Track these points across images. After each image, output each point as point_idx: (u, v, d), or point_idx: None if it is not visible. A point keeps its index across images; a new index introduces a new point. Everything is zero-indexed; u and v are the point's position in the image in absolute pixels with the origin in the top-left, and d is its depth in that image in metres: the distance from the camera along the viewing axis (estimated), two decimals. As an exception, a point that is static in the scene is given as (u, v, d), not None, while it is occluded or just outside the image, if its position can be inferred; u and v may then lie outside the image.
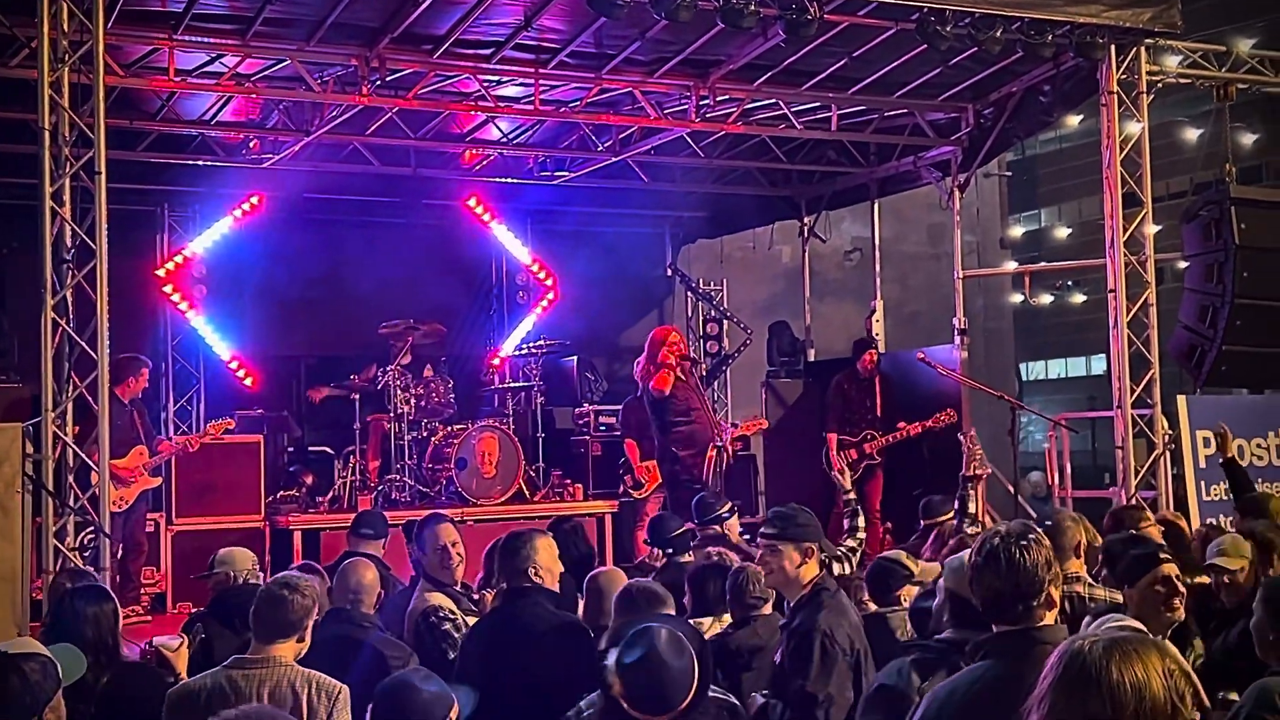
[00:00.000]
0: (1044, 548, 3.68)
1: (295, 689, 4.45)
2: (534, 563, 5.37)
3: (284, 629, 4.60)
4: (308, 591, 4.68)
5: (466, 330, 14.31)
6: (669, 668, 3.66)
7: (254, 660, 4.56)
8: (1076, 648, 2.50)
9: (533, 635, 5.21)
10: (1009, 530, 3.75)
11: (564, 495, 12.21)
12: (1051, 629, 3.61)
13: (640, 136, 12.64)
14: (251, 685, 4.47)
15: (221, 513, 11.30)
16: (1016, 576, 3.58)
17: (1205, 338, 10.32)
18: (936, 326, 13.69)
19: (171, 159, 12.45)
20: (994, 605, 3.63)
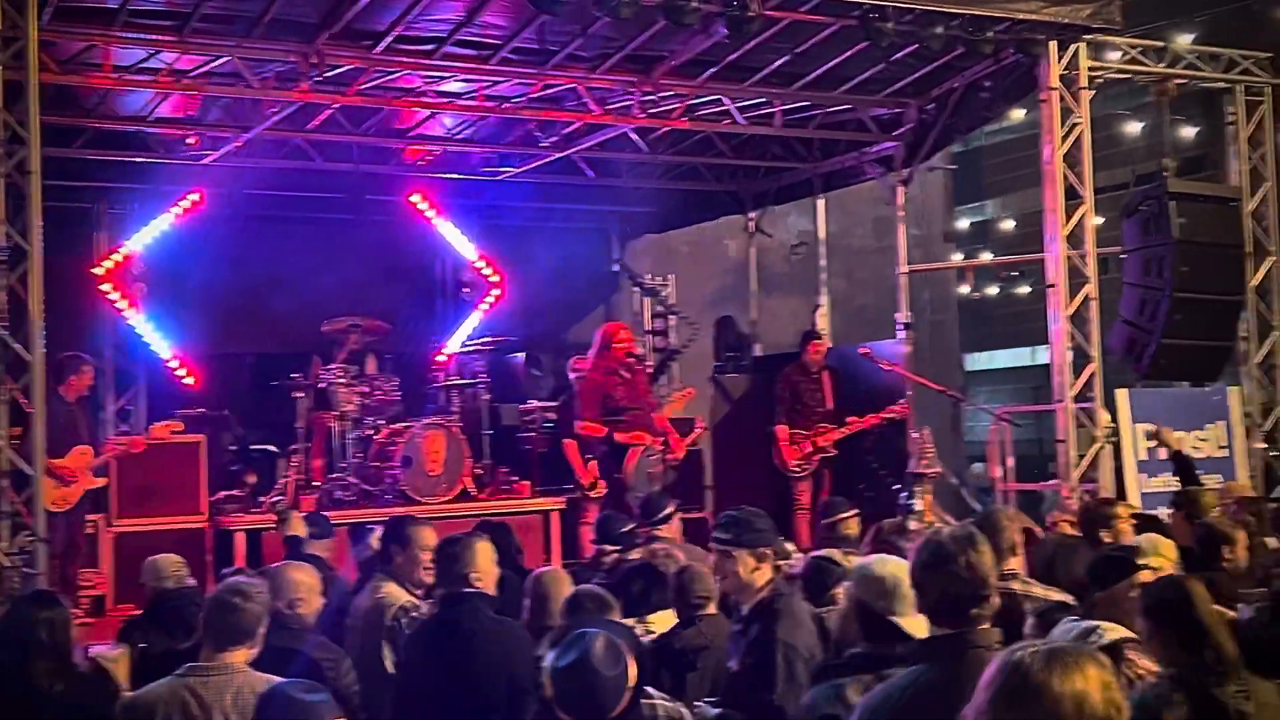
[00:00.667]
0: (989, 551, 3.70)
1: (257, 693, 4.38)
2: (474, 567, 5.33)
3: (236, 636, 4.54)
4: (259, 597, 4.63)
5: (411, 327, 14.20)
6: (601, 674, 3.64)
7: (211, 668, 4.49)
8: (1017, 658, 2.50)
9: (473, 641, 5.17)
10: (956, 533, 3.75)
11: (511, 492, 12.16)
12: (987, 632, 3.61)
13: (585, 133, 12.61)
14: (211, 692, 4.41)
15: (163, 514, 11.18)
16: (972, 580, 3.59)
17: (1145, 331, 10.41)
18: (883, 319, 13.74)
19: (109, 156, 12.26)
20: (943, 608, 3.63)
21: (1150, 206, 10.38)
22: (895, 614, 4.20)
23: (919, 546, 3.79)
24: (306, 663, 5.47)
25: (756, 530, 5.36)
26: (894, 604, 4.22)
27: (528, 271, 14.67)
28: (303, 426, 11.84)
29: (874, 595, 4.27)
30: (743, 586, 5.26)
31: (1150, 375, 10.58)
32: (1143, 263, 10.53)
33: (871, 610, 4.23)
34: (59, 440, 9.73)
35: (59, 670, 5.03)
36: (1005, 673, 2.48)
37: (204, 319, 13.18)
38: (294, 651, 5.53)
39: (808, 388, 11.99)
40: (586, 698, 3.63)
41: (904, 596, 4.19)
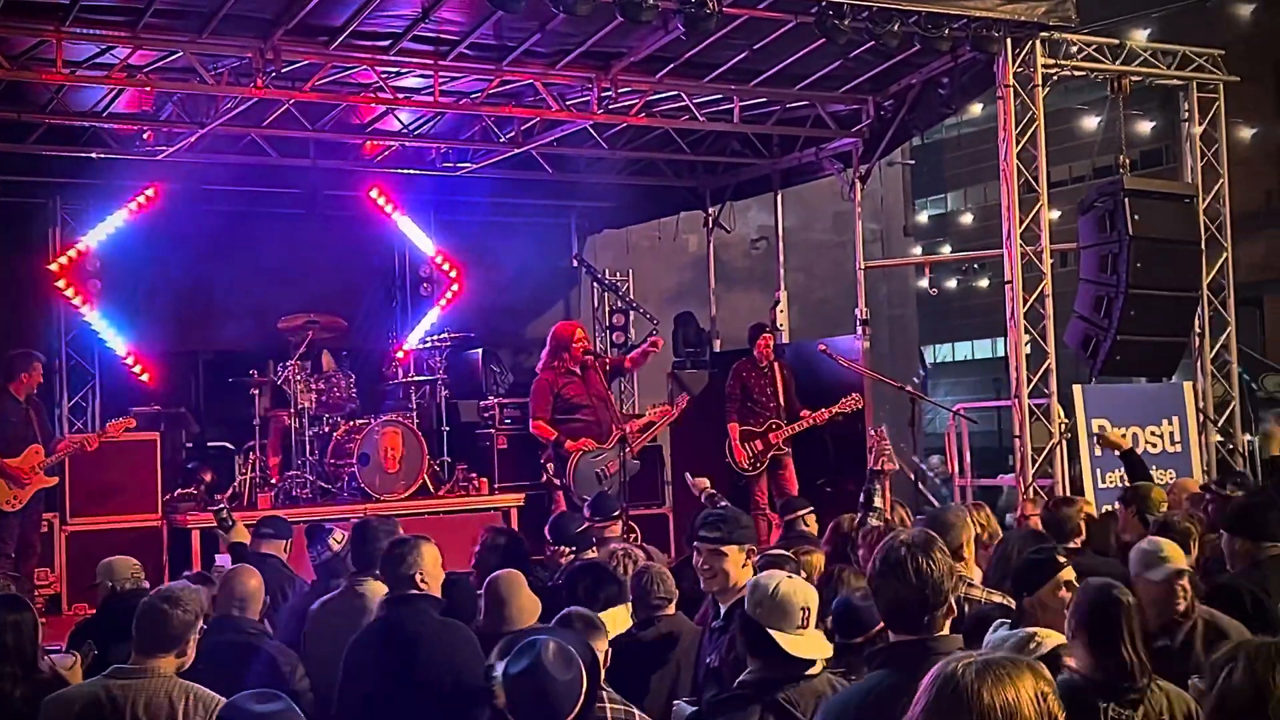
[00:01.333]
0: (947, 556, 3.70)
1: (172, 700, 4.39)
2: (420, 569, 5.30)
3: (163, 643, 4.53)
4: (190, 605, 4.61)
5: (369, 323, 14.15)
6: (555, 680, 3.62)
7: (133, 671, 4.50)
8: (950, 670, 2.51)
9: (418, 643, 5.15)
10: (912, 538, 3.75)
11: (469, 489, 12.12)
12: (947, 639, 3.63)
13: (543, 128, 12.57)
14: (129, 695, 4.41)
15: (117, 512, 11.10)
16: (923, 587, 3.59)
17: (1100, 327, 10.47)
18: (843, 314, 13.80)
19: (63, 151, 12.16)
20: (897, 615, 3.64)
21: (1105, 203, 10.44)
22: (776, 629, 4.13)
23: (876, 555, 3.79)
24: (265, 661, 5.45)
25: (743, 527, 5.41)
26: (775, 618, 4.15)
27: (486, 267, 14.64)
28: (259, 424, 11.76)
29: (755, 606, 4.21)
30: (728, 585, 5.26)
31: (1106, 371, 10.63)
32: (1098, 259, 10.58)
33: (754, 622, 4.18)
34: (12, 439, 9.67)
35: (21, 675, 4.99)
36: (937, 685, 2.49)
37: (160, 315, 13.11)
38: (250, 650, 5.51)
39: (758, 383, 11.77)
40: (540, 704, 3.62)
41: (787, 612, 4.15)
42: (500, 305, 14.75)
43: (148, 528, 11.12)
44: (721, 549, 5.28)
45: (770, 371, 11.82)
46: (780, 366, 11.90)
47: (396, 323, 14.59)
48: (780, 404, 11.74)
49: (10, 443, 9.74)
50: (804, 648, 4.13)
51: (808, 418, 11.61)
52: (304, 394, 11.57)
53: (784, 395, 11.78)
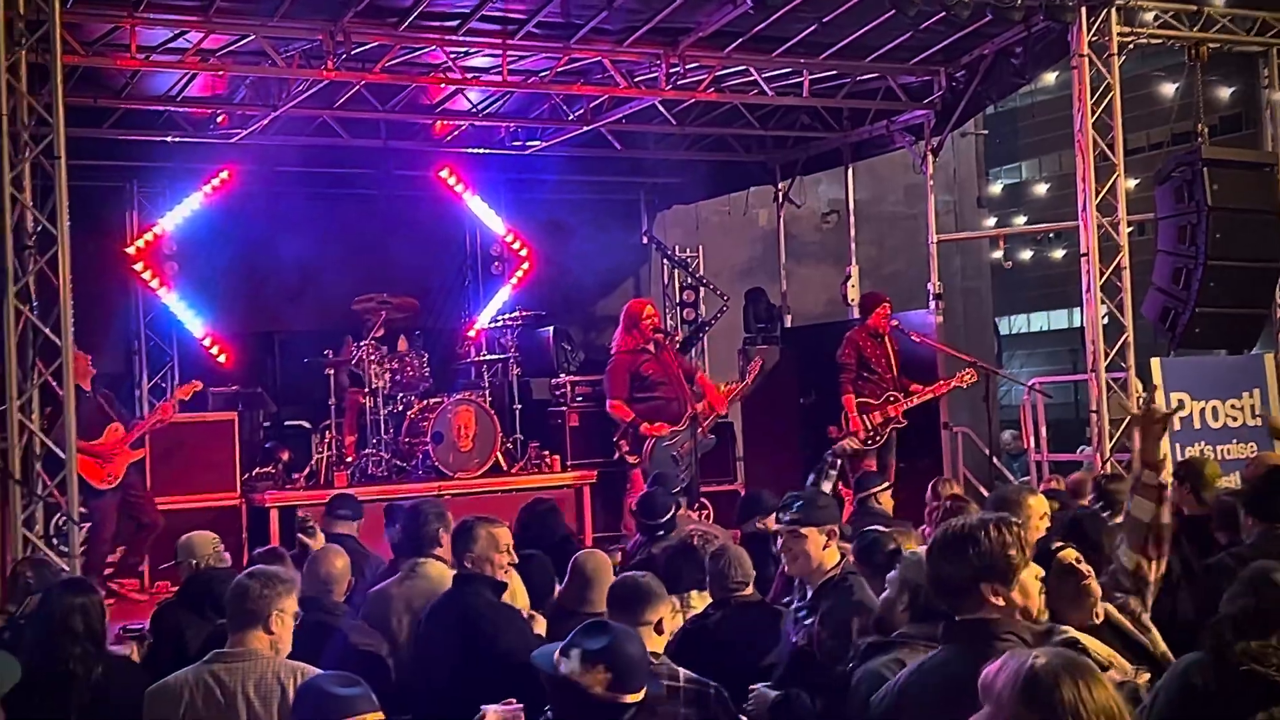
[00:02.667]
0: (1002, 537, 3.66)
1: (281, 680, 4.41)
2: (469, 552, 5.32)
3: (249, 619, 4.56)
4: (271, 579, 4.64)
5: (441, 303, 14.24)
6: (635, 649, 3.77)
7: (234, 654, 4.53)
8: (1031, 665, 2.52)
9: (468, 625, 5.17)
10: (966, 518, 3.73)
11: (542, 467, 12.17)
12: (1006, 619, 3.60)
13: (611, 105, 12.56)
14: (236, 679, 4.43)
15: (197, 492, 11.24)
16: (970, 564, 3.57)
17: (1179, 299, 10.31)
18: (915, 287, 13.67)
19: (138, 136, 12.31)
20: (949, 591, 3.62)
21: (1183, 173, 10.26)
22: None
23: (935, 535, 3.78)
24: (347, 642, 5.51)
25: (821, 508, 5.36)
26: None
27: (557, 245, 14.68)
28: (334, 403, 11.89)
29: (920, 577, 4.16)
30: (812, 567, 5.24)
31: (1184, 343, 10.47)
32: (1176, 230, 10.41)
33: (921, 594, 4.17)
34: (87, 424, 9.84)
35: (93, 656, 5.08)
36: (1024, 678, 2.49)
37: (235, 297, 13.27)
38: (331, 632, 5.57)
39: (874, 353, 11.34)
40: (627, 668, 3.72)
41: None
42: (571, 283, 14.77)
43: (227, 507, 11.26)
44: (801, 530, 5.25)
45: (884, 342, 11.43)
46: (891, 338, 11.50)
47: (468, 302, 14.67)
48: (894, 376, 11.39)
49: (87, 429, 9.91)
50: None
51: (921, 391, 11.23)
52: (378, 373, 11.67)
53: (897, 367, 11.41)
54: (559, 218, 14.66)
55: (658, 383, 10.91)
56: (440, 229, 14.61)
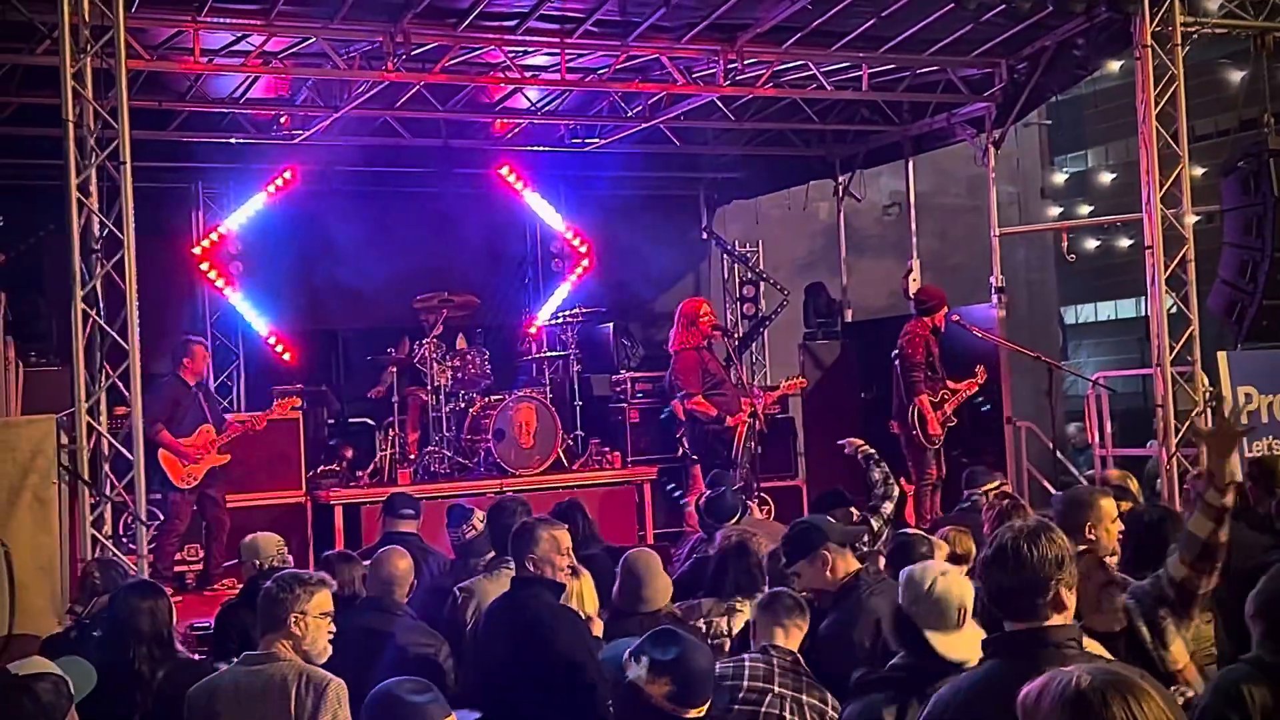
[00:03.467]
0: (1057, 545, 3.62)
1: (286, 680, 4.50)
2: (530, 554, 5.33)
3: (271, 623, 4.65)
4: (290, 584, 4.69)
5: (501, 300, 14.30)
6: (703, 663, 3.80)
7: (260, 656, 4.63)
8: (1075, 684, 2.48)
9: (522, 624, 5.20)
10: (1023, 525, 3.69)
11: (602, 463, 12.21)
12: (1063, 629, 3.56)
13: (670, 102, 12.56)
14: (256, 680, 4.54)
15: (264, 489, 11.38)
16: (1028, 575, 3.53)
17: (1245, 293, 10.18)
18: (978, 280, 13.56)
19: (203, 137, 12.47)
20: (1004, 603, 3.59)
21: (1249, 164, 10.12)
22: (929, 628, 4.03)
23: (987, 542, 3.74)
24: (393, 646, 5.56)
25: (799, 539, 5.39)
26: (930, 618, 4.05)
27: (616, 241, 14.70)
28: (397, 401, 11.99)
29: (910, 603, 4.12)
30: (818, 587, 5.26)
31: (1251, 337, 10.33)
32: (1243, 222, 10.28)
33: (908, 620, 4.10)
34: (183, 420, 10.04)
35: (160, 658, 5.18)
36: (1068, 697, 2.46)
37: (299, 295, 13.41)
38: (394, 632, 5.62)
39: (937, 351, 11.23)
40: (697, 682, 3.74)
41: (943, 611, 4.04)
42: (630, 279, 14.78)
43: (293, 504, 11.40)
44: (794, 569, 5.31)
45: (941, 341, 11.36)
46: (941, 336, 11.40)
47: (529, 299, 14.74)
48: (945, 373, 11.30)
49: (181, 423, 10.09)
50: (958, 648, 3.99)
51: (960, 391, 11.15)
52: (440, 371, 11.75)
53: (940, 363, 11.32)
54: (618, 214, 14.67)
55: (721, 379, 10.93)
56: (500, 227, 14.69)
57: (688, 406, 10.79)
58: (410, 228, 13.52)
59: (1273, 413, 10.50)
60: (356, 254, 12.81)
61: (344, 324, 13.89)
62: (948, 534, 6.21)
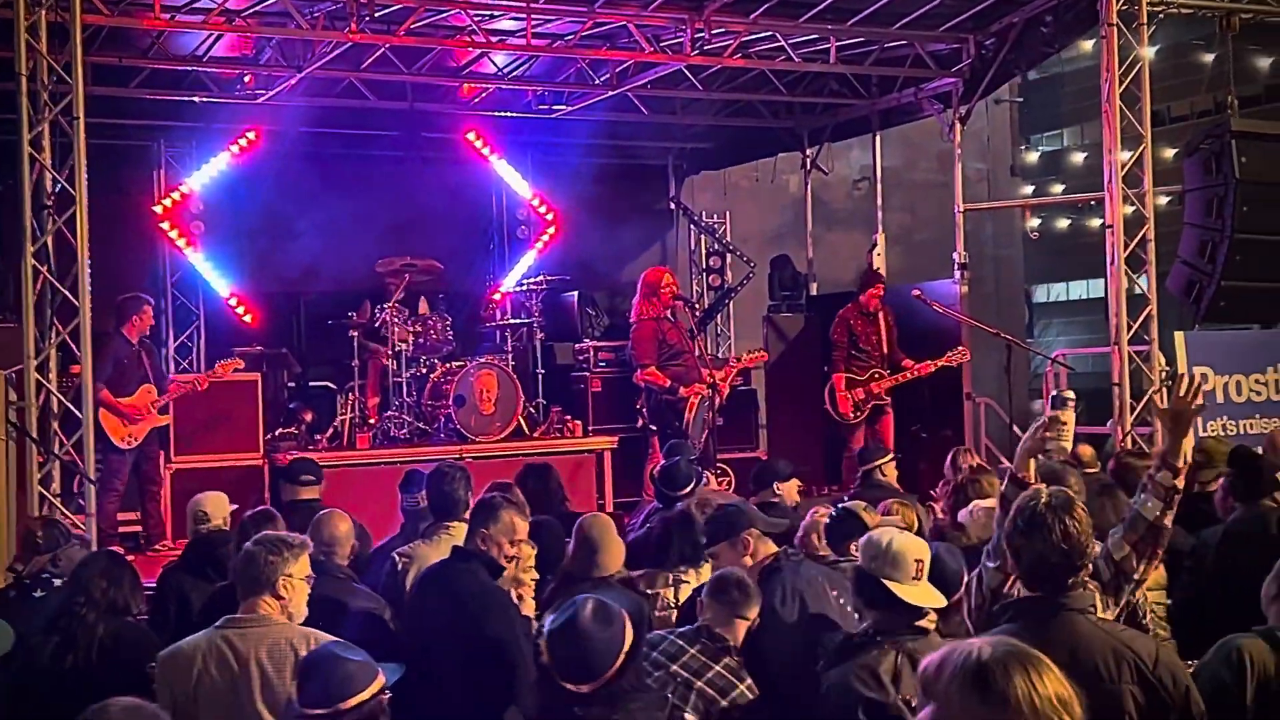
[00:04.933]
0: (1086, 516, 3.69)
1: (294, 645, 4.43)
2: (485, 529, 5.28)
3: (258, 585, 4.58)
4: (278, 545, 4.66)
5: (466, 266, 14.25)
6: (592, 637, 3.67)
7: (246, 619, 4.55)
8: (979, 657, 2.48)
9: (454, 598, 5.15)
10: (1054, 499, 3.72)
11: (564, 431, 12.19)
12: (1081, 596, 3.66)
13: (638, 70, 12.49)
14: (249, 645, 4.46)
15: (221, 450, 11.31)
16: (1069, 549, 3.59)
17: (1204, 273, 10.20)
18: (945, 255, 13.55)
19: (166, 95, 12.35)
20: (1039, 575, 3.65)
21: (1212, 145, 10.13)
22: (889, 579, 4.19)
23: (1015, 511, 3.77)
24: (356, 607, 5.53)
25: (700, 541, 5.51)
26: (889, 570, 4.20)
27: (583, 210, 14.64)
28: (358, 365, 11.94)
29: (870, 560, 4.26)
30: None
31: (1209, 317, 10.37)
32: (1204, 203, 10.29)
33: (870, 576, 4.22)
34: (126, 379, 9.92)
35: (95, 621, 5.11)
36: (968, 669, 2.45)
37: (261, 257, 13.31)
38: (341, 595, 5.58)
39: (864, 331, 11.61)
40: (577, 661, 3.66)
41: (900, 564, 4.19)
42: (596, 248, 14.72)
43: (250, 466, 11.34)
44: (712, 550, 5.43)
45: (876, 320, 11.65)
46: (886, 314, 11.70)
47: (493, 265, 14.69)
48: (884, 353, 11.61)
49: (124, 383, 9.99)
50: (919, 596, 4.19)
51: (911, 369, 11.43)
52: (401, 336, 11.70)
53: (887, 344, 11.63)
54: (585, 182, 14.61)
55: (681, 350, 10.92)
56: (466, 192, 14.61)
57: (640, 377, 10.81)
58: (375, 191, 13.41)
59: (1228, 393, 10.58)
60: (320, 217, 12.73)
61: (306, 287, 13.78)
62: (890, 506, 6.23)
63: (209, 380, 10.84)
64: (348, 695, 3.66)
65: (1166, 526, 4.34)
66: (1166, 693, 3.51)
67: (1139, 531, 4.31)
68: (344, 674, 3.70)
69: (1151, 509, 4.29)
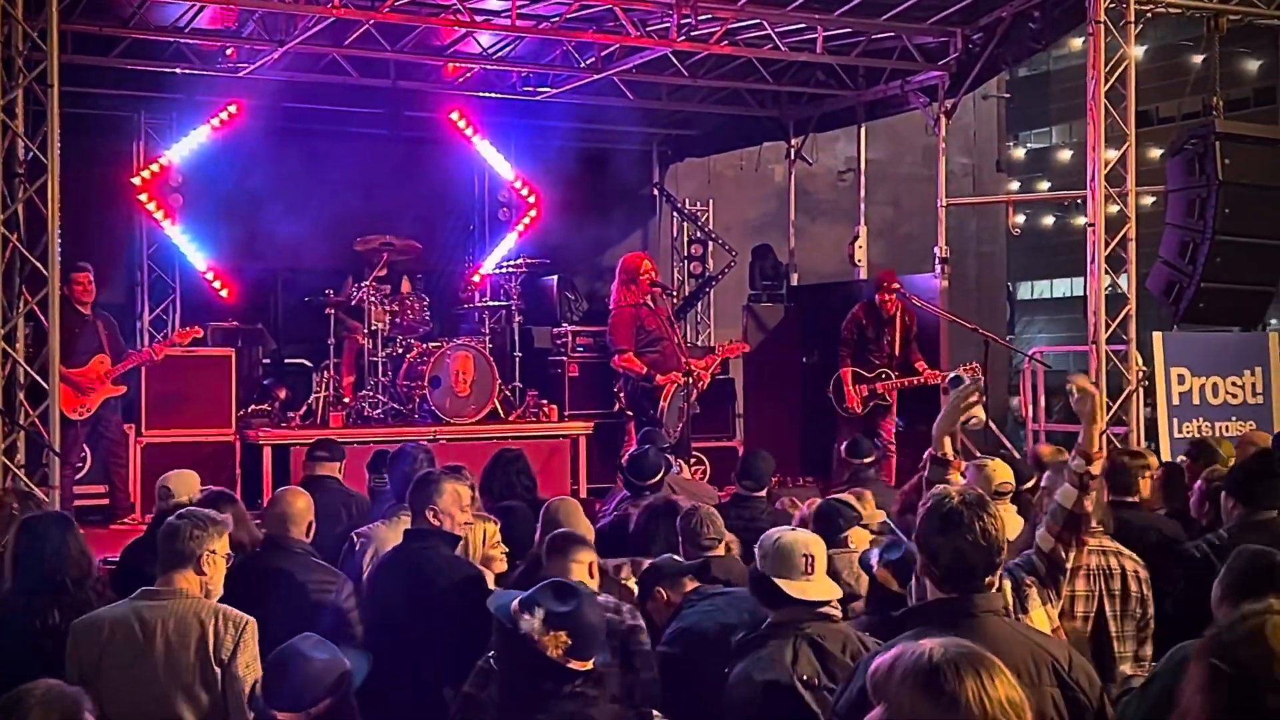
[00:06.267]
0: (1000, 514, 3.67)
1: (201, 619, 4.42)
2: (433, 504, 5.28)
3: (177, 560, 4.55)
4: (203, 522, 4.63)
5: (445, 247, 14.18)
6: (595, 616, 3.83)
7: (160, 592, 4.53)
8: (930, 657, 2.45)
9: (420, 579, 5.15)
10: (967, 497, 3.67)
11: (539, 416, 12.15)
12: (993, 597, 3.58)
13: (624, 54, 12.41)
14: (157, 616, 4.44)
15: (192, 425, 11.27)
16: (985, 548, 3.54)
17: (1184, 274, 10.17)
18: (928, 249, 13.49)
19: (147, 66, 12.21)
20: (957, 573, 3.56)
21: (1195, 146, 10.10)
22: (778, 576, 4.22)
23: (928, 510, 3.70)
24: (309, 581, 5.49)
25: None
26: (779, 568, 4.24)
27: (565, 193, 14.56)
28: (334, 343, 11.87)
29: (761, 559, 4.29)
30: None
31: (1188, 318, 10.35)
32: (1186, 203, 10.26)
33: (762, 575, 4.26)
34: (75, 350, 9.78)
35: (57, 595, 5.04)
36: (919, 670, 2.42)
37: (239, 232, 13.20)
38: (296, 570, 5.54)
39: (875, 331, 11.57)
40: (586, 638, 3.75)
41: (789, 561, 4.23)
42: (577, 232, 14.64)
43: (221, 442, 11.29)
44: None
45: (892, 322, 11.61)
46: (903, 314, 11.64)
47: (474, 247, 14.60)
48: (894, 354, 11.57)
49: (74, 353, 9.83)
50: (811, 591, 4.22)
51: (924, 374, 11.39)
52: (378, 315, 11.65)
53: (899, 345, 11.59)
54: (568, 166, 14.53)
55: (659, 337, 10.89)
56: (448, 172, 14.51)
57: (617, 363, 10.77)
58: (356, 169, 13.29)
59: (1204, 395, 10.57)
60: (299, 193, 12.64)
61: (283, 263, 13.66)
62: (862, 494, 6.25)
63: (164, 350, 10.74)
64: (318, 697, 3.62)
65: (1086, 511, 4.42)
66: (1084, 694, 3.47)
67: (1060, 521, 4.36)
68: (312, 674, 3.66)
69: (1068, 497, 4.35)
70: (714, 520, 5.86)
